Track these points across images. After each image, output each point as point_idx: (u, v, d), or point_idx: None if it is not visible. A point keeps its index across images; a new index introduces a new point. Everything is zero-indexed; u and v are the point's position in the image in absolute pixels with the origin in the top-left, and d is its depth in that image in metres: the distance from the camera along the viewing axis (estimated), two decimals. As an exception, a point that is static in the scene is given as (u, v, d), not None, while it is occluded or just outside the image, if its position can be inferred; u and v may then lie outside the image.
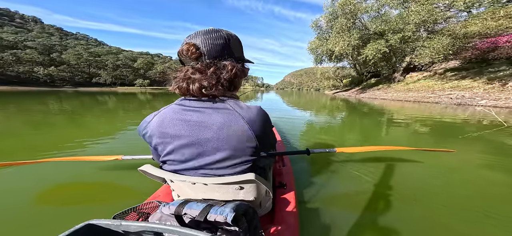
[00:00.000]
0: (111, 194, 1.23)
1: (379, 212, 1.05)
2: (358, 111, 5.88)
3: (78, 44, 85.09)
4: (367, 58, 13.32)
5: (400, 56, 13.42)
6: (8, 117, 3.85)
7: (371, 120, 4.25)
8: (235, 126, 0.46)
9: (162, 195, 0.80)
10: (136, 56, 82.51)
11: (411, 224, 0.95)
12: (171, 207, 0.43)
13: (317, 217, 0.99)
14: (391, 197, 1.17)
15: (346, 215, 1.01)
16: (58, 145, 2.18)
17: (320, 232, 0.90)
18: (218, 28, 0.50)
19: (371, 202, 1.13)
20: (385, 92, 12.60)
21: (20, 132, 2.75)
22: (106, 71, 70.75)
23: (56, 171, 1.43)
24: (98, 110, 5.31)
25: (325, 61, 20.22)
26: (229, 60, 0.49)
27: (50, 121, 3.60)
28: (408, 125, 3.55)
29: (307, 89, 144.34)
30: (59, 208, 1.06)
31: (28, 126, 3.18)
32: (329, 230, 0.91)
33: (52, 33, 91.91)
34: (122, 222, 0.35)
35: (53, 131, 2.88)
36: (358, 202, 1.12)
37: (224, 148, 0.47)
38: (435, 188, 1.29)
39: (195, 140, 0.48)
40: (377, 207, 1.09)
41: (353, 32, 14.19)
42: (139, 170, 0.53)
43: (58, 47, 73.01)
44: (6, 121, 3.48)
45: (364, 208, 1.07)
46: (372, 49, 12.63)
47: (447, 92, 8.58)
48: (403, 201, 1.13)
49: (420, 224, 0.95)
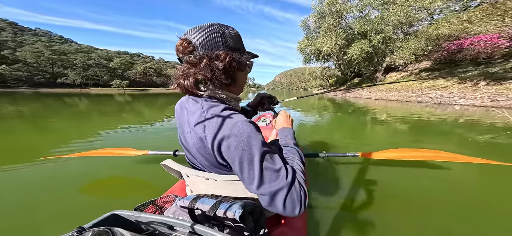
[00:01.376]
0: (136, 187, 1.34)
1: (391, 219, 0.98)
2: (347, 111, 5.78)
3: (38, 41, 73.82)
4: (352, 58, 13.75)
5: (381, 56, 14.15)
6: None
7: (374, 121, 4.10)
8: (193, 134, 0.42)
9: (177, 190, 0.81)
10: (112, 55, 74.95)
11: (423, 232, 0.89)
12: (185, 201, 0.45)
13: (327, 222, 0.94)
14: (407, 204, 1.08)
15: (356, 221, 0.96)
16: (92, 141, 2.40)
17: (327, 233, 0.87)
18: (211, 23, 0.46)
19: (383, 208, 1.05)
20: (369, 92, 13.14)
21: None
22: (74, 71, 62.82)
23: (90, 165, 1.62)
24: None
25: (313, 61, 20.61)
26: (224, 49, 0.44)
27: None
28: (406, 126, 3.43)
29: (296, 89, 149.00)
30: (92, 198, 1.19)
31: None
32: (336, 232, 0.88)
33: (3, 27, 78.09)
34: (141, 214, 0.41)
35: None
36: (370, 208, 1.05)
37: (197, 156, 0.45)
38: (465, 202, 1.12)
39: (183, 141, 0.48)
40: (390, 214, 1.02)
41: (339, 31, 14.54)
42: (162, 165, 0.55)
43: (11, 44, 62.32)
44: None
45: (376, 213, 1.01)
46: (356, 49, 13.07)
47: (425, 91, 9.10)
48: (418, 210, 1.04)
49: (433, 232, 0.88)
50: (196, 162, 0.48)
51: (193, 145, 0.44)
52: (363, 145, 2.43)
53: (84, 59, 66.48)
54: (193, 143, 0.43)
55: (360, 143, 2.47)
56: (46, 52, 61.39)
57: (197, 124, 0.42)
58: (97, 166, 1.61)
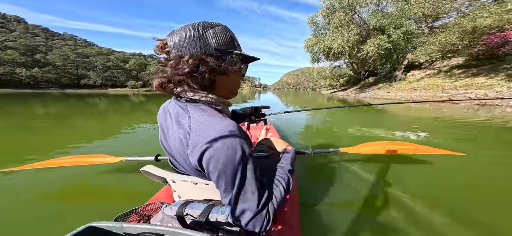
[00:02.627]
0: (114, 196, 1.23)
1: (380, 213, 1.02)
2: (365, 113, 4.96)
3: (65, 45, 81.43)
4: (367, 55, 12.42)
5: (401, 53, 12.62)
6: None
7: (388, 122, 3.75)
8: (176, 138, 0.41)
9: (163, 196, 0.76)
10: (128, 57, 79.82)
11: (412, 225, 0.93)
12: (173, 208, 0.42)
13: (318, 216, 0.99)
14: (394, 198, 1.13)
15: (347, 214, 1.00)
16: (59, 148, 2.16)
17: (321, 231, 0.90)
18: (202, 21, 0.42)
19: (372, 202, 1.10)
20: (387, 92, 11.73)
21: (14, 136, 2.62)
22: (95, 73, 68.02)
23: (61, 174, 1.43)
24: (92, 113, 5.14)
25: (321, 60, 19.35)
26: (199, 50, 0.40)
27: (41, 125, 3.41)
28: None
29: (304, 89, 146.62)
30: (63, 210, 1.07)
31: (23, 130, 3.00)
32: (330, 229, 0.91)
33: (37, 33, 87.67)
34: (124, 224, 0.35)
35: (43, 135, 2.78)
36: (360, 202, 1.10)
37: (181, 161, 0.43)
38: (444, 191, 1.19)
39: (167, 147, 0.46)
40: (378, 207, 1.06)
41: (352, 27, 13.27)
42: (141, 171, 0.52)
43: (43, 48, 69.45)
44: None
45: (365, 208, 1.06)
46: (373, 45, 11.75)
47: (461, 91, 7.68)
48: (405, 203, 1.09)
49: (421, 225, 0.93)
50: (179, 166, 0.46)
51: (176, 150, 0.42)
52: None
53: (103, 61, 71.73)
54: (175, 148, 0.42)
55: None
56: (72, 55, 67.35)
57: (180, 128, 0.40)
58: (65, 177, 1.39)
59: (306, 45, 18.20)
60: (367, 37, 13.63)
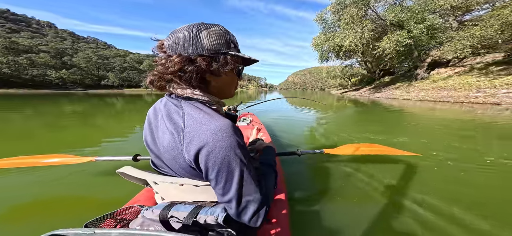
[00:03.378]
0: (84, 202, 1.09)
1: (366, 211, 1.06)
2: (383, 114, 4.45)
3: (88, 47, 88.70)
4: (383, 52, 11.33)
5: (424, 50, 11.31)
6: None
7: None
8: (168, 137, 0.40)
9: (143, 199, 0.71)
10: (142, 58, 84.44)
11: (399, 224, 0.97)
12: (155, 210, 0.40)
13: (307, 214, 1.03)
14: (380, 197, 1.18)
15: (334, 212, 1.05)
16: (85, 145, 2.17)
17: (310, 228, 0.93)
18: (199, 22, 0.42)
19: (359, 201, 1.16)
20: (406, 92, 10.57)
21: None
22: (113, 73, 73.02)
23: (15, 180, 1.23)
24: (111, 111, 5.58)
25: (331, 59, 18.30)
26: (189, 52, 0.41)
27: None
28: None
29: (312, 89, 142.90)
30: (20, 222, 0.90)
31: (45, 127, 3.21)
32: (318, 226, 0.95)
33: (65, 37, 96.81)
34: (96, 231, 0.30)
35: (70, 133, 2.83)
36: (346, 200, 1.16)
37: (171, 162, 0.42)
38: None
39: (155, 147, 0.45)
40: (365, 205, 1.12)
41: (366, 22, 12.23)
42: (117, 173, 0.50)
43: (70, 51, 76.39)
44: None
45: (352, 205, 1.12)
46: (390, 42, 10.65)
47: (503, 90, 6.51)
48: (391, 202, 1.13)
49: (409, 225, 0.96)
50: (165, 167, 0.44)
51: (164, 148, 0.40)
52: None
53: (120, 62, 76.75)
54: (164, 146, 0.40)
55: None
56: (94, 57, 73.09)
57: (172, 123, 0.39)
58: (21, 181, 1.20)
59: (314, 43, 17.28)
60: (383, 33, 12.49)
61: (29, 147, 2.19)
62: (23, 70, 53.23)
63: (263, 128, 1.91)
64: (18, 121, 3.81)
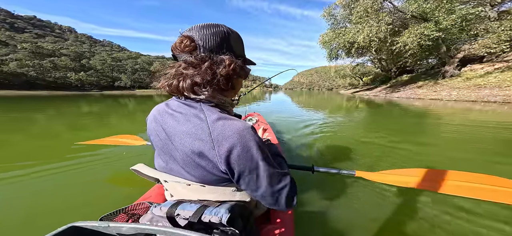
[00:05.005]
0: (99, 196, 1.23)
1: (372, 216, 1.00)
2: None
3: (103, 50, 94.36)
4: (405, 48, 9.96)
5: (453, 44, 9.78)
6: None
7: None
8: (197, 141, 0.39)
9: (154, 195, 0.77)
10: (152, 60, 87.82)
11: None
12: (163, 208, 0.42)
13: (312, 216, 1.01)
14: (391, 207, 1.06)
15: (339, 215, 1.02)
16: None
17: (314, 231, 0.92)
18: (217, 23, 0.45)
19: (364, 205, 1.09)
20: (433, 91, 9.19)
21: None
22: (126, 75, 76.80)
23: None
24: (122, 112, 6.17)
25: (341, 57, 17.01)
26: (228, 54, 0.43)
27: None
28: None
29: (319, 89, 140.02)
30: (44, 212, 1.04)
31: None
32: (323, 229, 0.93)
33: (84, 41, 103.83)
34: (110, 224, 0.33)
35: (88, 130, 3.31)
36: (351, 203, 1.11)
37: (190, 164, 0.42)
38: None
39: (166, 149, 0.45)
40: (371, 210, 1.04)
41: (383, 15, 10.92)
42: (132, 170, 0.52)
43: (87, 54, 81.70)
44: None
45: (356, 209, 1.06)
46: (413, 35, 9.29)
47: None
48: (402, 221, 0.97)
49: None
50: (183, 172, 0.43)
51: (186, 154, 0.40)
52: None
53: (132, 64, 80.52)
54: (186, 152, 0.40)
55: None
56: (108, 60, 77.43)
57: (195, 127, 0.39)
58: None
59: (322, 40, 15.99)
60: (403, 27, 11.10)
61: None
62: (47, 73, 57.84)
63: (269, 128, 1.90)
64: (91, 119, 4.63)
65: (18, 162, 1.68)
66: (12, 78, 46.19)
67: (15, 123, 3.72)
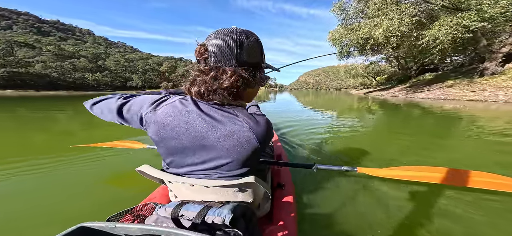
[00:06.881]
0: (105, 196, 1.26)
1: (375, 216, 1.00)
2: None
3: (117, 52, 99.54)
4: (435, 42, 8.39)
5: (495, 37, 8.14)
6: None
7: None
8: (242, 137, 0.45)
9: (158, 196, 0.80)
10: (162, 60, 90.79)
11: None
12: (167, 209, 0.43)
13: (315, 217, 1.01)
14: (398, 206, 1.05)
15: (342, 215, 1.01)
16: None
17: (317, 232, 0.92)
18: (238, 28, 0.46)
19: (366, 204, 1.09)
20: (471, 90, 7.68)
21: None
22: (137, 75, 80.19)
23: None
24: None
25: (353, 55, 15.55)
26: (235, 66, 0.45)
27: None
28: None
29: (326, 89, 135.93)
30: (51, 211, 1.09)
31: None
32: (326, 230, 0.92)
33: (100, 43, 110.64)
34: (117, 225, 0.35)
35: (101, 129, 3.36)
36: (353, 202, 1.10)
37: (227, 156, 0.46)
38: None
39: (197, 146, 0.47)
40: (374, 210, 1.04)
41: (406, 7, 9.43)
42: (137, 171, 0.53)
43: (103, 55, 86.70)
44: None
45: (359, 207, 1.06)
46: (445, 28, 7.78)
47: None
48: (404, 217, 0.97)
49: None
50: (222, 162, 0.47)
51: (226, 149, 0.44)
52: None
53: (143, 65, 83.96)
54: (227, 147, 0.44)
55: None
56: (122, 61, 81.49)
57: (238, 126, 0.44)
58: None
59: (331, 37, 14.39)
60: (429, 19, 9.59)
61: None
62: (67, 74, 62.12)
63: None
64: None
65: (19, 161, 1.73)
66: (37, 79, 50.14)
67: (39, 122, 4.02)
